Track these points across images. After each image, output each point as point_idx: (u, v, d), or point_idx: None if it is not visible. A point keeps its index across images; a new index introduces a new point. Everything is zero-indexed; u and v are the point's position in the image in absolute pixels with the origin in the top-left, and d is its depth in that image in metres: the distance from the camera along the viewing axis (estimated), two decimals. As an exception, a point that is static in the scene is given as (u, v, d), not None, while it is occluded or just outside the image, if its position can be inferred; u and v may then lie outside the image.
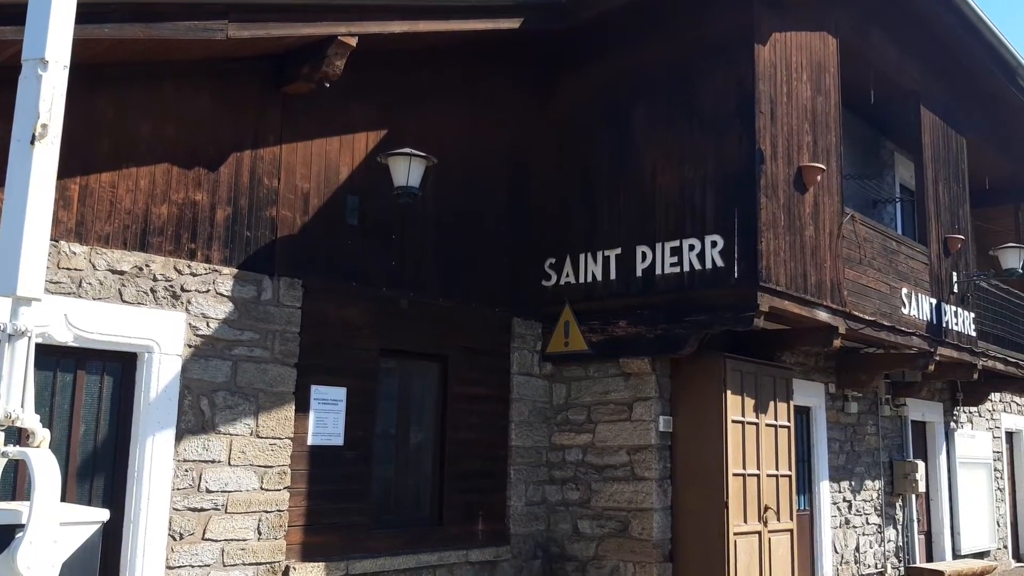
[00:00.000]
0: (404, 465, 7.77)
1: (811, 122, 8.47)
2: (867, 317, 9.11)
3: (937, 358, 10.52)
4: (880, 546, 11.30)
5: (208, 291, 6.39)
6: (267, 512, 6.53)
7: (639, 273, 8.16)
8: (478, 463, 8.15)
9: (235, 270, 6.57)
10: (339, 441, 6.98)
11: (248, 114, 6.81)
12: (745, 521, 8.05)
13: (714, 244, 7.72)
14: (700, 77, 8.07)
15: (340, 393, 7.01)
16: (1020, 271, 11.66)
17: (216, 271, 6.46)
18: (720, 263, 7.67)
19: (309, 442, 6.81)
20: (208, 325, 6.36)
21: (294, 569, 6.57)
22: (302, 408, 6.79)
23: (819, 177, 8.29)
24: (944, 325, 10.75)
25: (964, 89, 11.75)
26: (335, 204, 7.25)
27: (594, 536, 8.33)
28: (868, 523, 11.11)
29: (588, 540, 8.36)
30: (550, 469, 8.72)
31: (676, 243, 7.95)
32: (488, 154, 8.64)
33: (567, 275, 8.67)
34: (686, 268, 7.87)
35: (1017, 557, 15.79)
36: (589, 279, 8.50)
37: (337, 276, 7.17)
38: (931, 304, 10.52)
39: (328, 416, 6.91)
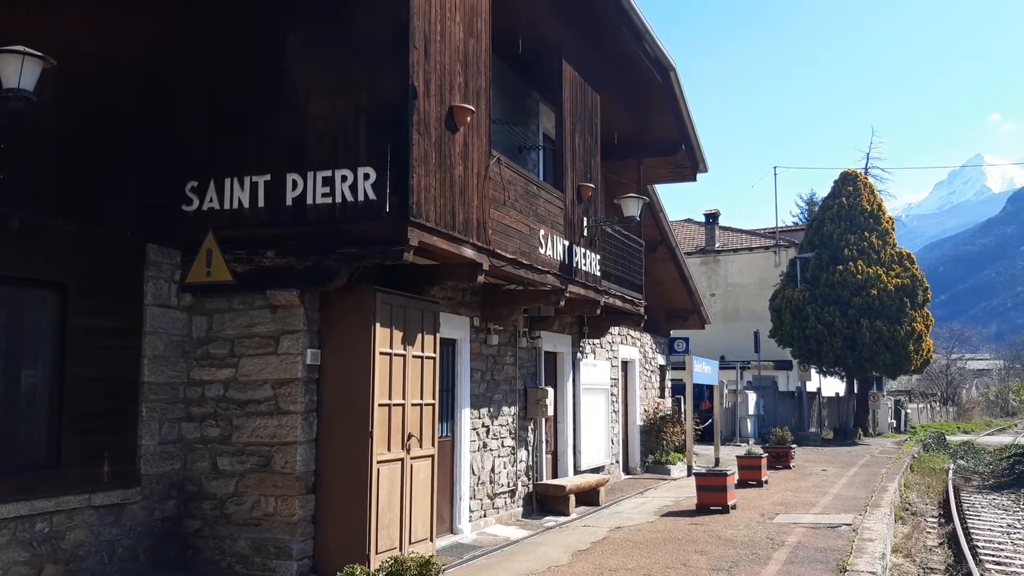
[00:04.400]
0: (13, 405, 6.91)
1: (463, 63, 8.70)
2: (509, 255, 9.68)
3: (568, 295, 11.53)
4: (513, 466, 12.26)
5: None
6: None
7: (289, 202, 7.92)
8: (105, 401, 7.51)
9: None
10: (-74, 379, 6.02)
11: None
12: (389, 449, 8.27)
13: (367, 176, 7.69)
14: (358, 6, 7.92)
15: (-73, 324, 6.03)
16: (638, 219, 13.12)
17: None
18: (372, 196, 7.67)
19: None
20: None
21: None
22: None
23: (469, 118, 8.57)
24: (575, 265, 11.78)
25: (601, 48, 12.78)
26: (-78, 102, 6.14)
27: (235, 472, 8.09)
28: (503, 446, 11.99)
29: (228, 477, 8.11)
30: (188, 406, 8.29)
31: (328, 173, 7.81)
32: (127, 61, 7.84)
33: (211, 200, 8.18)
34: (338, 199, 7.77)
35: (627, 470, 18.04)
36: (235, 206, 8.10)
37: (-76, 187, 6.11)
38: (564, 245, 11.45)
39: (-89, 351, 5.92)
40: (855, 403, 34.56)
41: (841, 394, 37.26)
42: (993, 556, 12.18)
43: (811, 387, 35.07)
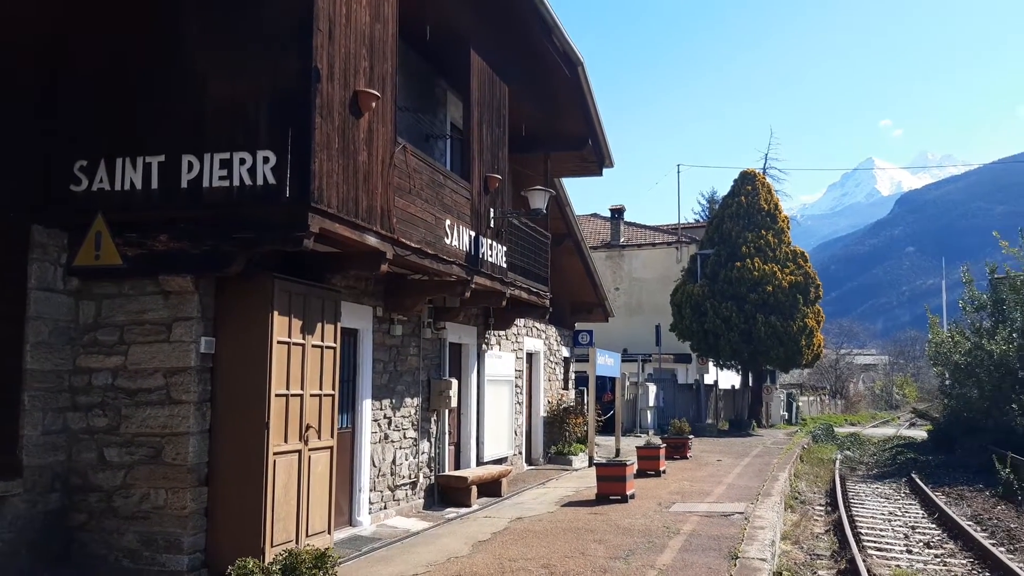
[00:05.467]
0: None
1: (369, 48, 8.55)
2: (414, 245, 9.59)
3: (474, 286, 11.51)
4: (415, 458, 12.18)
5: None
6: None
7: (184, 184, 7.64)
8: (-18, 389, 7.11)
9: None
10: None
11: None
12: (286, 441, 8.09)
13: (266, 160, 7.48)
14: (260, -17, 7.68)
15: None
16: (545, 211, 13.20)
17: None
18: (272, 180, 7.47)
19: None
20: None
21: None
22: None
23: (374, 104, 8.44)
24: (481, 256, 11.76)
25: (510, 40, 12.76)
26: None
27: (123, 464, 7.79)
28: (405, 437, 11.90)
29: (116, 469, 7.80)
30: (74, 395, 7.93)
31: (227, 155, 7.56)
32: (15, 32, 7.41)
33: (101, 181, 7.83)
34: (236, 183, 7.54)
35: (530, 461, 18.17)
36: (127, 187, 7.77)
37: None
38: (470, 236, 11.41)
39: None
40: (750, 395, 35.71)
41: (737, 387, 38.44)
42: (875, 542, 12.76)
43: (709, 380, 36.06)
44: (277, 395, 7.95)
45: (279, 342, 7.99)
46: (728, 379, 39.55)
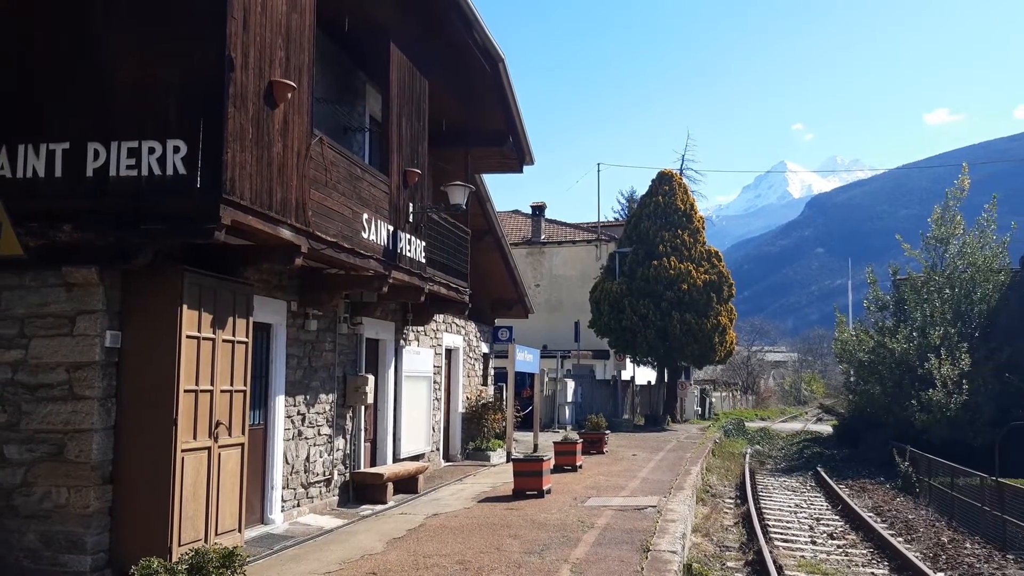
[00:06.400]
0: None
1: (285, 38, 8.40)
2: (329, 238, 9.47)
3: (391, 281, 11.43)
4: (330, 455, 12.04)
5: None
6: None
7: (90, 173, 7.39)
8: None
9: None
10: None
11: None
12: (195, 437, 7.91)
13: (177, 150, 7.29)
14: (172, -32, 7.48)
15: None
16: (465, 207, 13.20)
17: None
18: (182, 170, 7.28)
19: None
20: None
21: None
22: None
23: (290, 95, 8.30)
24: (399, 251, 11.69)
25: (431, 34, 12.72)
26: None
27: (23, 461, 7.50)
28: (320, 434, 11.75)
29: (16, 466, 7.51)
30: (-31, 390, 7.59)
31: (135, 144, 7.34)
32: None
33: (2, 167, 7.53)
34: (145, 172, 7.32)
35: (447, 457, 18.15)
36: (30, 174, 7.48)
37: None
38: (388, 231, 11.33)
39: None
40: (665, 391, 36.41)
41: (653, 383, 39.14)
42: (782, 534, 13.18)
43: (626, 376, 36.61)
44: (186, 391, 7.76)
45: (188, 336, 7.80)
46: (645, 375, 40.25)
